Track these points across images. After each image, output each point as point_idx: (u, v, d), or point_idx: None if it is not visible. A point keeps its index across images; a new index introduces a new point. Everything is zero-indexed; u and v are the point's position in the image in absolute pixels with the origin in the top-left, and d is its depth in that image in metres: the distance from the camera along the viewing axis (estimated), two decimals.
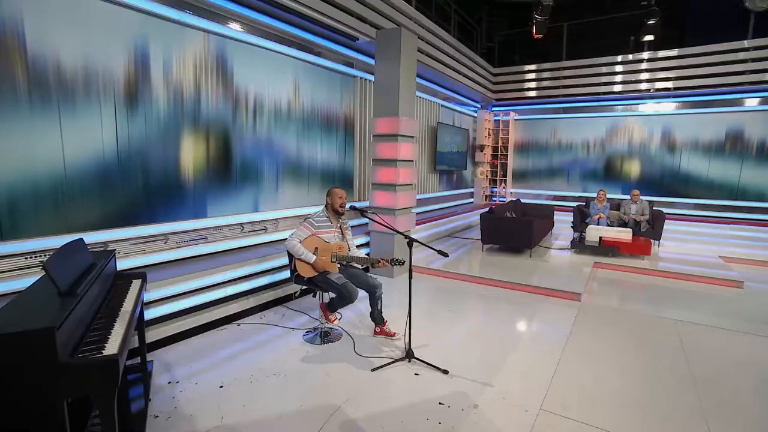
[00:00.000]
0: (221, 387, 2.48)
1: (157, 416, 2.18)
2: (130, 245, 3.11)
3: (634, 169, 8.27)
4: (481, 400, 2.41)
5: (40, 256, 2.61)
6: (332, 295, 3.06)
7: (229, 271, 3.48)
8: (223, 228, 3.80)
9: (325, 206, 3.18)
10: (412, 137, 5.00)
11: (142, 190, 3.20)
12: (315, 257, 2.99)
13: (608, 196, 7.40)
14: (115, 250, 2.57)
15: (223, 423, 2.15)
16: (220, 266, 3.43)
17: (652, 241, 6.40)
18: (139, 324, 2.49)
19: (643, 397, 2.50)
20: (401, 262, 2.98)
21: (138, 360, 2.54)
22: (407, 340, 2.88)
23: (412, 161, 5.05)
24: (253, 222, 4.12)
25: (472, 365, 2.83)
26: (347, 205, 3.18)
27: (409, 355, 2.85)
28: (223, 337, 3.17)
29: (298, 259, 3.00)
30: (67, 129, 2.73)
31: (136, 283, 2.36)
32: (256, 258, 3.71)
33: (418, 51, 5.67)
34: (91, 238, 2.85)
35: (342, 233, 3.19)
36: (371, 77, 5.52)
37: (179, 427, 2.10)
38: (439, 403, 2.37)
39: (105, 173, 2.95)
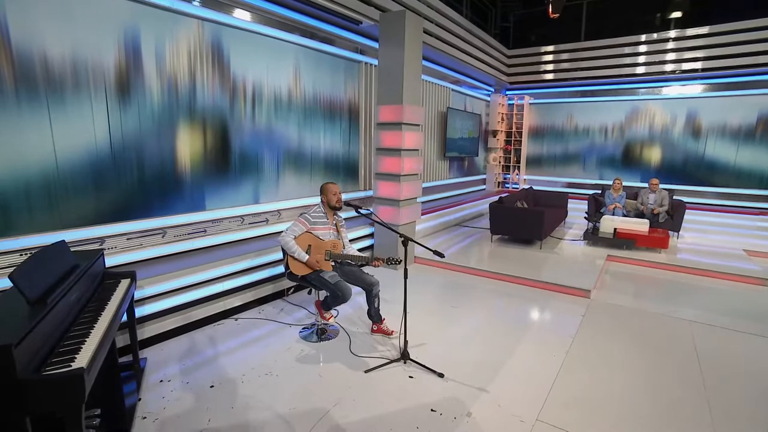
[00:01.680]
0: (212, 387, 2.46)
1: (145, 417, 2.17)
2: (127, 240, 3.09)
3: (654, 155, 7.86)
4: (475, 408, 2.33)
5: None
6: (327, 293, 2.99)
7: (228, 266, 3.44)
8: (222, 220, 3.76)
9: (321, 203, 3.09)
10: (418, 125, 4.81)
11: (138, 183, 3.15)
12: (308, 256, 2.91)
13: (626, 184, 7.09)
14: (103, 249, 2.54)
15: (209, 426, 2.12)
16: (219, 260, 3.40)
17: (671, 233, 6.11)
18: (130, 322, 2.47)
19: (648, 408, 2.37)
20: (398, 262, 2.88)
21: (130, 357, 2.53)
22: (403, 341, 2.80)
23: (417, 150, 4.88)
24: (254, 214, 4.06)
25: (469, 368, 2.74)
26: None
27: (404, 356, 2.77)
28: (220, 333, 3.16)
29: (291, 256, 2.93)
30: (57, 123, 2.68)
31: (124, 283, 2.32)
32: (255, 251, 3.67)
33: (427, 33, 5.42)
34: (86, 233, 2.83)
35: (337, 230, 3.09)
36: (377, 62, 5.30)
37: (165, 430, 2.09)
38: (431, 410, 2.30)
39: (98, 167, 2.91)
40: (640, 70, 7.43)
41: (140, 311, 2.84)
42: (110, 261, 2.87)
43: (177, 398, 2.34)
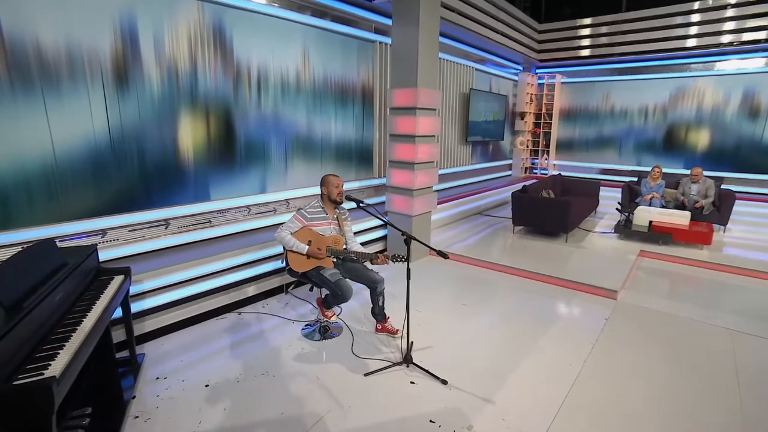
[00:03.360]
0: (207, 386, 2.41)
1: (137, 417, 2.15)
2: (129, 231, 3.08)
3: (701, 139, 7.15)
4: (478, 421, 2.16)
5: None
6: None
7: (233, 258, 3.39)
8: (227, 211, 3.69)
9: (320, 196, 2.93)
10: (434, 110, 4.53)
11: (139, 174, 3.10)
12: (308, 247, 2.78)
13: (667, 170, 6.50)
14: (96, 244, 2.50)
15: (199, 429, 2.08)
16: (223, 252, 3.35)
17: (717, 226, 5.56)
18: (126, 318, 2.45)
19: (673, 431, 2.12)
20: (402, 259, 2.70)
21: (127, 353, 2.53)
22: (406, 344, 2.65)
23: (433, 136, 4.61)
24: (261, 204, 3.97)
25: (475, 375, 2.56)
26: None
27: (407, 360, 2.63)
28: (222, 328, 3.13)
29: (290, 251, 2.81)
30: (53, 114, 2.63)
31: (116, 280, 2.28)
32: (261, 243, 3.60)
33: (446, 8, 5.05)
34: (87, 225, 2.82)
35: (339, 225, 2.94)
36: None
37: (155, 431, 2.06)
38: (430, 421, 2.16)
39: (98, 158, 2.86)
40: (691, 43, 6.68)
41: (141, 305, 2.84)
42: (112, 253, 2.86)
43: (171, 397, 2.31)
